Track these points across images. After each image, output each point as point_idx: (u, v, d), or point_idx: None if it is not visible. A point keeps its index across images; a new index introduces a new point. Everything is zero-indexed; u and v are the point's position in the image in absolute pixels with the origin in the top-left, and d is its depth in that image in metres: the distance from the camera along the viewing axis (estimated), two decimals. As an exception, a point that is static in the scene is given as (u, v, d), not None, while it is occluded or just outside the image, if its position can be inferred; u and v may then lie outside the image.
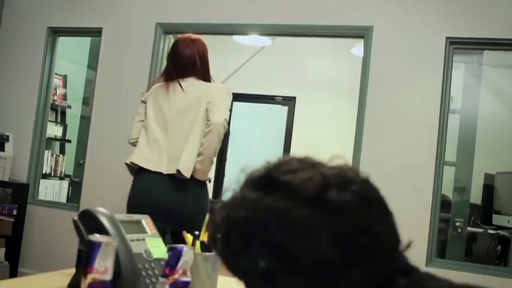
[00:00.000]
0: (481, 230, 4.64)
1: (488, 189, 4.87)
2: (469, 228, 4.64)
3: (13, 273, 4.26)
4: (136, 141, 3.05)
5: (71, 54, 5.73)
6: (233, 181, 0.80)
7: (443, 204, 4.08)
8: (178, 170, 2.87)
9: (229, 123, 3.02)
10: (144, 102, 3.11)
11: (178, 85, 2.97)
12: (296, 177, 0.73)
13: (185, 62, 3.01)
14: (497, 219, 4.66)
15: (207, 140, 2.87)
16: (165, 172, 2.93)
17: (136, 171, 3.01)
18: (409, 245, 0.77)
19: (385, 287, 0.72)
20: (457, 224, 4.46)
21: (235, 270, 0.78)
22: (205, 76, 3.05)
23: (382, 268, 0.73)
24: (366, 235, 0.71)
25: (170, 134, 2.97)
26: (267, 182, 0.75)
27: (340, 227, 0.70)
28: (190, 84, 2.99)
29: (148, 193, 2.91)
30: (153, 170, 2.94)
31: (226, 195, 0.79)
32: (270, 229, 0.71)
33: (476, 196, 4.96)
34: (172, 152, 2.94)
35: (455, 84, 4.12)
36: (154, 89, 3.10)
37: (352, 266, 0.70)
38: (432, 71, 3.80)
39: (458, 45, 3.85)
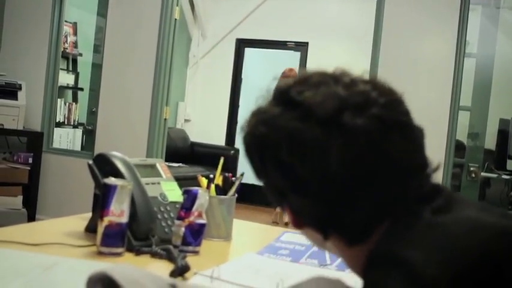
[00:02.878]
0: (494, 175, 4.63)
1: (503, 134, 4.82)
2: (482, 174, 4.63)
3: (31, 221, 4.34)
4: None
5: (80, 1, 5.66)
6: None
7: (458, 149, 4.06)
8: None
9: (241, 70, 3.29)
10: None
11: None
12: (313, 96, 0.71)
13: None
14: (511, 165, 4.64)
15: None
16: None
17: None
18: (436, 169, 0.74)
19: (402, 216, 0.69)
20: (471, 169, 4.46)
21: (259, 180, 0.79)
22: None
23: (396, 195, 0.70)
24: (379, 159, 0.69)
25: None
26: (286, 98, 0.74)
27: (351, 150, 0.68)
28: None
29: None
30: None
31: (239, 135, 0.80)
32: (282, 149, 0.71)
33: (490, 141, 4.93)
34: None
35: (471, 27, 4.03)
36: None
37: (362, 190, 0.69)
38: (448, 14, 3.71)
39: (475, -14, 3.75)
